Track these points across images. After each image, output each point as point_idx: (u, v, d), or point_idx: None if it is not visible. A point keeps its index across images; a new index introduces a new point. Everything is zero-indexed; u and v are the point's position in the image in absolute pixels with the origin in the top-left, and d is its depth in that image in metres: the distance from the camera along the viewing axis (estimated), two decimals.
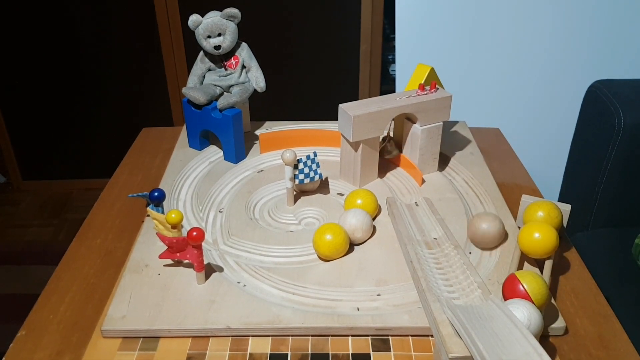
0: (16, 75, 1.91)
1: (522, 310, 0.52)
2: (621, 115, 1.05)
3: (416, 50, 1.44)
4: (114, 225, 0.75)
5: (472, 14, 1.39)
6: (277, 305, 0.60)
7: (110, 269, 0.67)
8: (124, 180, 0.86)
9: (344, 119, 0.76)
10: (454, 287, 0.60)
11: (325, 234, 0.65)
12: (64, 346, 0.57)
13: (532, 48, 1.41)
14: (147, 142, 0.97)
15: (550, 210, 0.68)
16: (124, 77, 1.93)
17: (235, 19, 0.83)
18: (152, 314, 0.59)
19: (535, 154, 1.48)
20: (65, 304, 0.62)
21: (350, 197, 0.74)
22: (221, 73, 0.87)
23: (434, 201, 0.77)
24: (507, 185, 0.85)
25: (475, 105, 1.48)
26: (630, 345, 0.58)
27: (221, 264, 0.66)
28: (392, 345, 0.57)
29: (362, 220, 0.68)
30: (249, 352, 0.56)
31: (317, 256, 0.67)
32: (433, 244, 0.67)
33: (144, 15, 1.81)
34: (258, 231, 0.72)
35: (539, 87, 1.45)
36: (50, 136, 2.03)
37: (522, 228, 0.65)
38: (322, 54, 1.89)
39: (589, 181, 1.14)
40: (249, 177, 0.84)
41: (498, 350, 0.47)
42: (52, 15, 1.81)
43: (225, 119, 0.83)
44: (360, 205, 0.72)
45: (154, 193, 0.71)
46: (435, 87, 0.81)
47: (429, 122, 0.81)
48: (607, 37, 1.39)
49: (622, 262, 1.01)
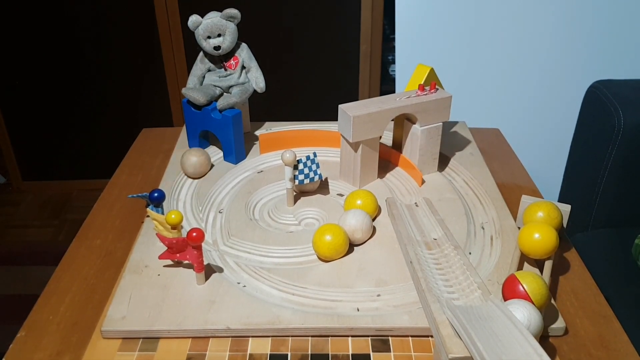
0: (16, 75, 1.91)
1: (522, 310, 0.52)
2: (621, 115, 1.05)
3: (416, 50, 1.44)
4: (114, 226, 0.75)
5: (472, 14, 1.39)
6: (277, 306, 0.60)
7: (110, 270, 0.67)
8: (124, 180, 0.86)
9: (344, 120, 0.76)
10: (453, 288, 0.60)
11: (324, 235, 0.65)
12: (64, 346, 0.57)
13: (532, 48, 1.41)
14: (147, 142, 0.97)
15: (550, 210, 0.68)
16: (124, 77, 1.93)
17: (235, 20, 0.83)
18: (152, 314, 0.59)
19: (535, 154, 1.48)
20: (65, 305, 0.62)
21: (350, 198, 0.74)
22: (221, 74, 0.87)
23: (434, 202, 0.77)
24: (507, 185, 0.85)
25: (475, 106, 1.48)
26: (630, 345, 0.58)
27: (221, 264, 0.66)
28: (392, 345, 0.57)
29: (362, 220, 0.68)
30: (248, 353, 0.56)
31: (317, 257, 0.67)
32: (433, 245, 0.67)
33: (144, 15, 1.81)
34: (258, 232, 0.72)
35: (539, 87, 1.45)
36: (50, 136, 2.03)
37: (522, 228, 0.65)
38: (322, 54, 1.89)
39: (589, 181, 1.14)
40: (249, 178, 0.84)
41: (498, 350, 0.47)
42: (52, 15, 1.81)
43: (225, 119, 0.83)
44: (360, 205, 0.72)
45: (154, 193, 0.71)
46: (435, 88, 0.81)
47: (428, 123, 0.81)
48: (607, 37, 1.39)
49: (622, 262, 1.01)
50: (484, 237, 0.71)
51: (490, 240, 0.70)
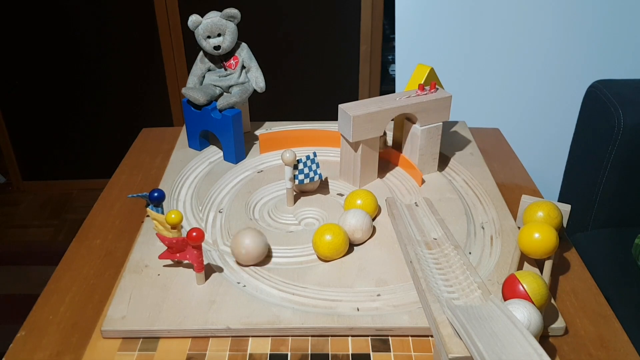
0: (16, 75, 1.91)
1: (522, 310, 0.52)
2: (621, 115, 1.05)
3: (416, 50, 1.44)
4: (114, 226, 0.75)
5: (472, 14, 1.39)
6: (277, 306, 0.60)
7: (110, 270, 0.67)
8: (124, 180, 0.86)
9: (344, 119, 0.76)
10: (453, 288, 0.60)
11: (324, 235, 0.65)
12: (64, 346, 0.57)
13: (532, 48, 1.41)
14: (147, 142, 0.97)
15: (550, 210, 0.68)
16: (124, 77, 1.93)
17: (235, 19, 0.83)
18: (152, 314, 0.59)
19: (535, 154, 1.48)
20: (65, 305, 0.62)
21: (350, 198, 0.74)
22: (221, 73, 0.87)
23: (434, 201, 0.77)
24: (507, 185, 0.85)
25: (475, 105, 1.48)
26: (630, 345, 0.58)
27: (221, 264, 0.66)
28: (392, 345, 0.57)
29: (362, 220, 0.68)
30: (248, 353, 0.56)
31: (317, 257, 0.67)
32: (433, 244, 0.67)
33: (144, 15, 1.81)
34: None
35: (539, 87, 1.45)
36: (50, 136, 2.03)
37: (522, 228, 0.65)
38: (322, 54, 1.89)
39: (589, 181, 1.14)
40: (249, 178, 0.84)
41: (498, 350, 0.47)
42: (52, 15, 1.81)
43: (225, 119, 0.83)
44: (360, 205, 0.72)
45: (154, 193, 0.71)
46: (435, 87, 0.81)
47: (428, 123, 0.81)
48: (607, 37, 1.39)
49: (622, 262, 1.01)
50: (484, 236, 0.71)
51: (490, 240, 0.70)
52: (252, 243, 0.64)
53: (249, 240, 0.64)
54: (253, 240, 0.64)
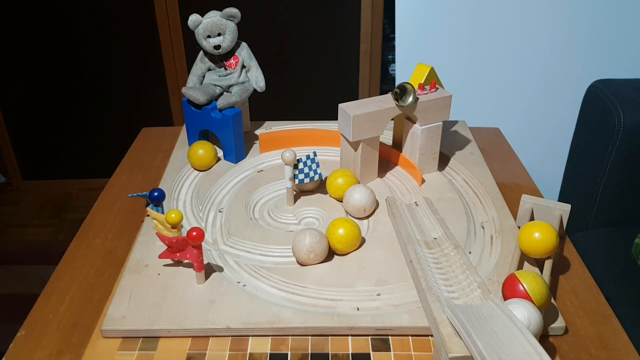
0: (16, 75, 1.91)
1: (522, 310, 0.52)
2: (621, 115, 1.05)
3: (416, 50, 1.44)
4: (114, 225, 0.75)
5: (472, 14, 1.39)
6: (277, 305, 0.60)
7: (110, 269, 0.67)
8: (124, 180, 0.86)
9: (344, 119, 0.76)
10: (453, 287, 0.60)
11: (339, 228, 0.66)
12: (64, 346, 0.57)
13: (532, 48, 1.41)
14: (147, 142, 0.97)
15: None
16: (124, 77, 1.93)
17: (235, 19, 0.83)
18: (152, 314, 0.59)
19: (535, 154, 1.48)
20: (65, 304, 0.62)
21: (331, 180, 0.77)
22: (221, 73, 0.87)
23: (434, 201, 0.77)
24: (507, 185, 0.85)
25: (475, 105, 1.48)
26: (630, 345, 0.58)
27: (221, 263, 0.66)
28: (392, 345, 0.57)
29: (367, 195, 0.73)
30: (248, 352, 0.56)
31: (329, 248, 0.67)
32: (433, 244, 0.67)
33: (143, 15, 1.81)
34: (258, 231, 0.72)
35: (539, 87, 1.45)
36: (50, 136, 2.03)
37: (522, 228, 0.65)
38: (322, 54, 1.89)
39: (589, 181, 1.14)
40: (249, 177, 0.84)
41: (498, 350, 0.47)
42: (52, 15, 1.81)
43: (225, 118, 0.83)
44: (342, 184, 0.76)
45: (154, 193, 0.71)
46: (435, 87, 0.81)
47: (428, 122, 0.81)
48: (607, 37, 1.39)
49: (622, 262, 1.01)
50: (484, 236, 0.71)
51: (490, 240, 0.70)
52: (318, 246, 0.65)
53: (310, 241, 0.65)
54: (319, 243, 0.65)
